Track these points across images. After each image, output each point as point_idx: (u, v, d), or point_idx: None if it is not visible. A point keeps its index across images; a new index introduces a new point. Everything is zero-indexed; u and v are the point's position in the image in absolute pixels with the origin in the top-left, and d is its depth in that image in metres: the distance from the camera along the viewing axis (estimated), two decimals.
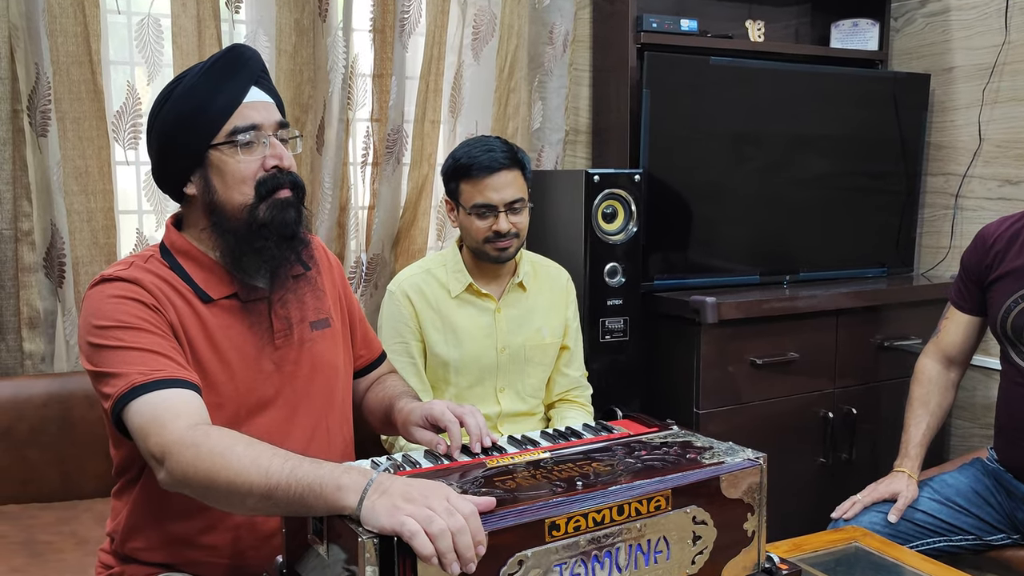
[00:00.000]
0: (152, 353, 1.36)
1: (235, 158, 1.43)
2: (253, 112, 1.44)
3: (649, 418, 1.71)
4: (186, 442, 1.26)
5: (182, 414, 1.30)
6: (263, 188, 1.44)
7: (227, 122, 1.43)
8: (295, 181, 1.48)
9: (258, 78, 1.48)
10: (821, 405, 2.73)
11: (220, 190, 1.45)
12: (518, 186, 1.99)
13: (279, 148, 1.46)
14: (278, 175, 1.45)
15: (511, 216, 1.98)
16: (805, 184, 2.92)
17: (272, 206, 1.45)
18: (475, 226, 1.99)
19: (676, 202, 2.70)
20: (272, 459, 1.22)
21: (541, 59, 2.75)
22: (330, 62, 2.35)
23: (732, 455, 1.48)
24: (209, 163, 1.44)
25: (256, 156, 1.44)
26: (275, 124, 1.47)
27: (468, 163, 1.97)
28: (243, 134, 1.43)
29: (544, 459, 1.46)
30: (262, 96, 1.47)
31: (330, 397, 1.61)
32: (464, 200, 2.00)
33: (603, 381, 2.40)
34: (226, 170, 1.44)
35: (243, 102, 1.44)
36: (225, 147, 1.43)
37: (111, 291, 1.41)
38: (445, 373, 2.08)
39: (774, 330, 2.61)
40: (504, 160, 1.96)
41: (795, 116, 2.87)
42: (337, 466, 1.21)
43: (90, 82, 2.16)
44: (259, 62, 1.50)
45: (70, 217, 2.19)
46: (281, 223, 1.45)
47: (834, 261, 3.02)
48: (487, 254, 2.02)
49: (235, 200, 1.44)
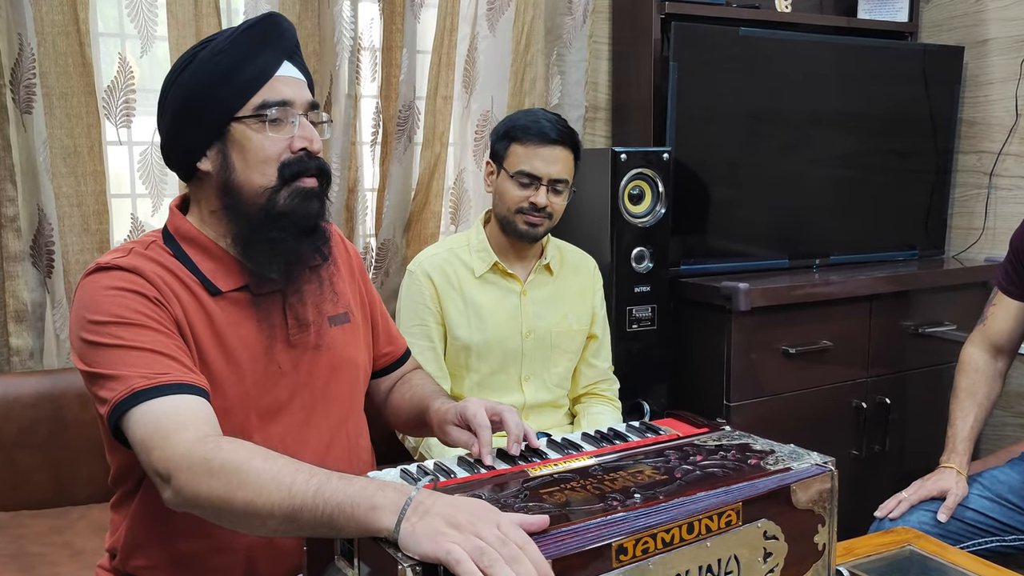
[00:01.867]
0: (155, 353, 1.23)
1: (261, 134, 1.29)
2: (285, 87, 1.31)
3: (696, 416, 1.58)
4: (195, 457, 1.13)
5: (189, 425, 1.17)
6: (287, 171, 1.30)
7: (256, 94, 1.29)
8: (323, 168, 1.35)
9: (292, 52, 1.35)
10: (854, 395, 2.61)
11: (239, 168, 1.30)
12: (567, 167, 1.93)
13: (309, 129, 1.32)
14: (305, 159, 1.32)
15: (551, 194, 1.91)
16: (832, 163, 2.79)
17: (294, 194, 1.31)
18: (512, 193, 1.91)
19: (701, 182, 2.57)
20: (295, 475, 1.08)
21: (559, 31, 2.60)
22: (336, 34, 2.19)
23: (798, 460, 1.35)
24: (230, 137, 1.30)
25: (284, 135, 1.30)
26: (306, 103, 1.33)
27: (527, 124, 1.91)
28: (272, 109, 1.29)
29: (591, 466, 1.32)
30: (295, 72, 1.34)
31: (351, 399, 1.49)
32: (509, 164, 1.92)
33: (629, 373, 2.26)
34: (249, 147, 1.29)
35: (275, 75, 1.30)
36: (251, 121, 1.29)
37: (108, 281, 1.27)
38: (467, 359, 1.98)
39: (807, 317, 2.49)
40: (563, 136, 1.91)
41: (821, 91, 2.75)
42: (370, 482, 1.08)
43: (78, 54, 2.00)
44: (294, 35, 1.37)
45: (58, 201, 2.04)
46: (302, 214, 1.32)
47: (863, 244, 2.90)
48: (515, 226, 1.93)
49: (255, 181, 1.30)
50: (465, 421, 1.42)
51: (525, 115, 1.94)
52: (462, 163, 2.52)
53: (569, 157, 1.93)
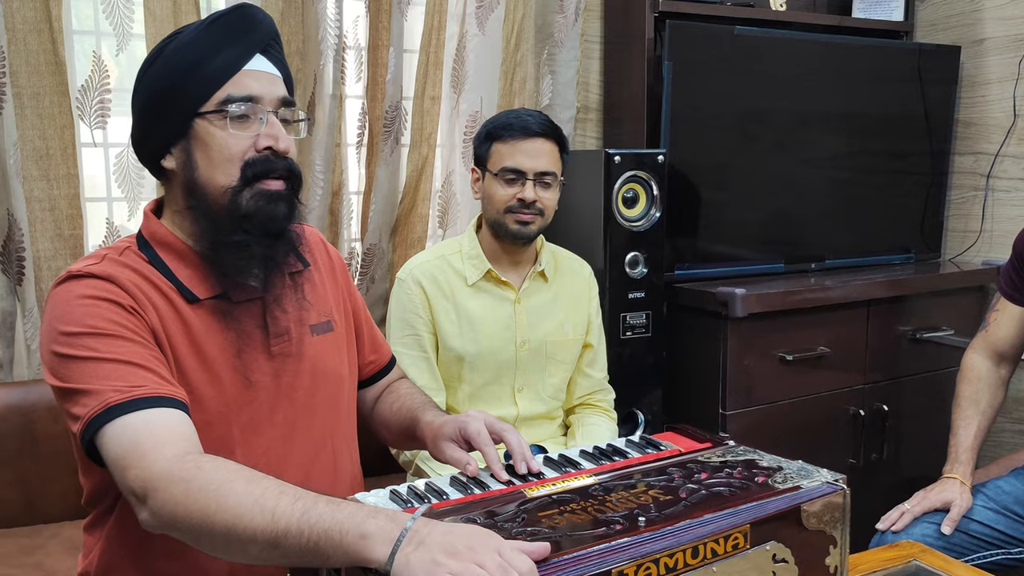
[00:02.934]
0: (131, 365, 1.16)
1: (224, 131, 1.23)
2: (253, 82, 1.24)
3: (697, 430, 1.52)
4: (173, 476, 1.06)
5: (167, 441, 1.11)
6: (250, 171, 1.24)
7: (221, 88, 1.23)
8: (290, 169, 1.28)
9: (267, 45, 1.28)
10: (851, 402, 2.56)
11: (202, 167, 1.24)
12: (552, 159, 1.86)
13: (276, 128, 1.25)
14: (271, 159, 1.25)
15: (539, 189, 1.84)
16: (827, 165, 2.74)
17: (258, 196, 1.24)
18: (499, 193, 1.84)
19: (696, 185, 2.51)
20: (280, 498, 1.02)
21: (550, 29, 2.53)
22: (320, 32, 2.11)
23: (807, 477, 1.29)
24: (194, 133, 1.24)
25: (249, 133, 1.24)
26: (277, 100, 1.27)
27: (507, 122, 1.85)
28: (237, 104, 1.22)
29: (591, 485, 1.26)
30: (268, 66, 1.28)
31: (335, 412, 1.42)
32: (493, 164, 1.86)
33: (623, 381, 2.20)
34: (212, 144, 1.23)
35: (243, 68, 1.24)
36: (214, 117, 1.23)
37: (80, 290, 1.20)
38: (459, 369, 1.91)
39: (804, 323, 2.43)
40: (543, 127, 1.84)
41: (816, 91, 2.69)
42: (360, 508, 1.01)
43: (50, 52, 1.92)
44: (270, 27, 1.30)
45: (30, 205, 1.95)
46: (267, 217, 1.25)
47: (858, 247, 2.84)
48: (506, 227, 1.85)
49: (218, 180, 1.24)
50: (466, 438, 1.37)
51: (504, 114, 1.89)
52: (450, 165, 2.44)
53: (554, 150, 1.86)
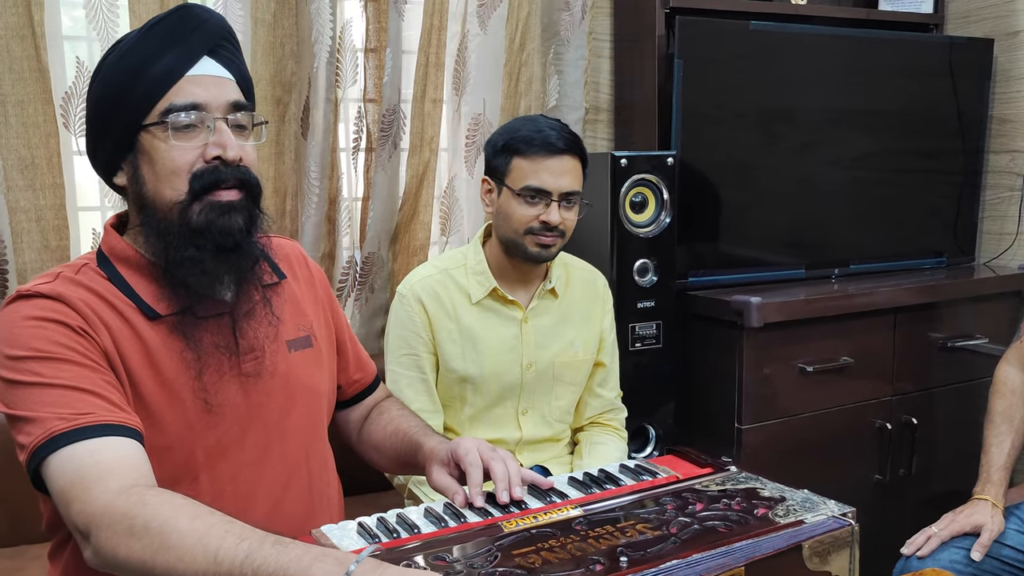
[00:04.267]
0: (78, 391, 1.10)
1: (167, 143, 1.15)
2: (197, 88, 1.17)
3: (699, 455, 1.41)
4: (116, 513, 1.00)
5: (113, 472, 1.04)
6: (197, 183, 1.16)
7: (163, 98, 1.15)
8: (244, 179, 1.19)
9: (215, 46, 1.20)
10: (877, 415, 2.43)
11: (150, 182, 1.18)
12: (577, 178, 1.74)
13: (224, 135, 1.17)
14: (220, 169, 1.17)
15: (563, 209, 1.72)
16: (853, 166, 2.61)
17: (209, 208, 1.17)
18: (519, 212, 1.71)
19: (710, 188, 2.40)
20: (224, 539, 0.96)
21: (556, 27, 2.43)
22: (314, 33, 2.04)
23: (812, 510, 1.18)
24: (140, 147, 1.17)
25: (196, 143, 1.17)
26: (226, 105, 1.19)
27: (529, 136, 1.70)
28: (180, 114, 1.15)
29: (575, 518, 1.16)
30: (216, 69, 1.20)
31: (312, 432, 1.35)
32: (513, 180, 1.72)
33: (633, 395, 2.10)
34: (156, 157, 1.16)
35: (186, 75, 1.16)
36: (157, 129, 1.16)
37: (28, 311, 1.14)
38: (461, 391, 1.81)
39: (825, 332, 2.31)
40: (568, 144, 1.71)
41: (841, 88, 2.56)
42: (307, 551, 0.94)
43: (34, 59, 1.86)
44: (219, 27, 1.22)
45: (15, 216, 1.90)
46: (220, 230, 1.17)
47: (886, 251, 2.71)
48: (524, 249, 1.73)
49: (165, 195, 1.17)
50: (456, 460, 1.29)
51: (525, 124, 1.75)
52: (453, 170, 2.36)
53: (577, 166, 1.74)
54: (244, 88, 1.24)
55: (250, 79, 1.28)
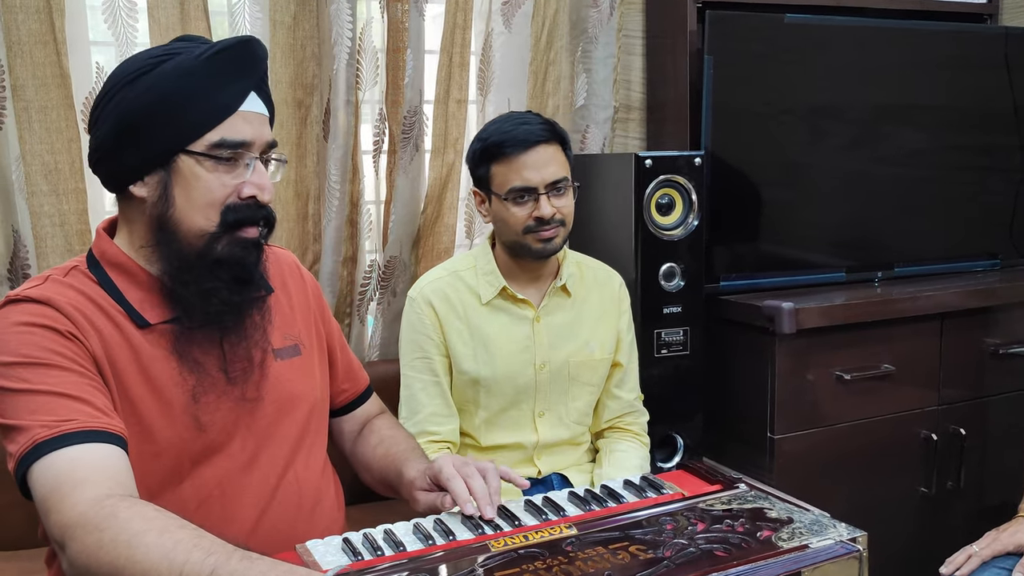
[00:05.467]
0: (62, 397, 1.09)
1: (212, 173, 1.16)
2: (247, 126, 1.17)
3: (710, 470, 1.35)
4: (88, 524, 0.99)
5: (88, 481, 1.03)
6: (231, 217, 1.17)
7: (215, 129, 1.15)
8: (268, 218, 1.22)
9: (260, 82, 1.21)
10: (923, 425, 2.32)
11: (180, 205, 1.17)
12: (559, 163, 1.69)
13: (263, 177, 1.19)
14: (254, 208, 1.19)
15: (554, 199, 1.68)
16: (899, 163, 2.49)
17: (234, 243, 1.18)
18: (513, 215, 1.68)
19: (745, 188, 2.31)
20: (191, 553, 0.95)
21: (584, 24, 2.37)
22: (334, 35, 2.02)
23: (819, 533, 1.11)
24: (176, 168, 1.16)
25: (234, 178, 1.17)
26: (265, 144, 1.20)
27: (500, 140, 1.67)
28: (229, 149, 1.16)
29: (567, 538, 1.11)
30: (258, 106, 1.20)
31: (301, 438, 1.33)
32: (497, 186, 1.69)
33: (659, 403, 2.03)
34: (196, 184, 1.16)
35: (239, 110, 1.17)
36: (203, 158, 1.15)
37: (16, 316, 1.14)
38: (474, 394, 1.78)
39: (865, 338, 2.21)
40: (542, 133, 1.67)
41: (886, 83, 2.45)
42: (274, 566, 0.93)
43: (55, 65, 1.88)
44: (265, 62, 1.23)
45: (40, 221, 1.92)
46: (239, 263, 1.19)
47: (935, 253, 2.58)
48: (528, 248, 1.70)
49: (195, 223, 1.17)
50: (435, 481, 1.27)
51: (494, 128, 1.71)
52: None
53: (558, 152, 1.69)
54: (271, 123, 1.26)
55: (275, 113, 1.28)
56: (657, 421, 2.03)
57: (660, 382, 2.07)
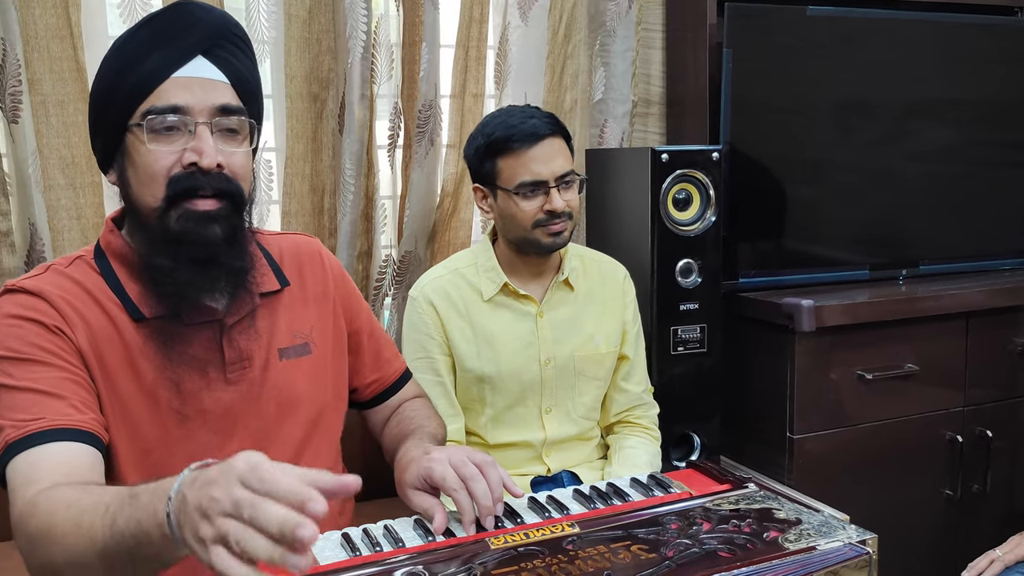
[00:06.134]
0: (38, 394, 1.08)
1: (149, 145, 1.12)
2: (181, 90, 1.12)
3: (720, 468, 1.32)
4: (21, 520, 0.98)
5: (34, 481, 1.00)
6: (172, 189, 1.12)
7: (145, 100, 1.12)
8: (223, 189, 1.14)
9: (213, 45, 1.15)
10: (948, 427, 2.27)
11: (133, 184, 1.16)
12: (566, 156, 1.68)
13: (203, 141, 1.12)
14: (197, 176, 1.12)
15: (564, 192, 1.67)
16: (925, 158, 2.44)
17: (185, 216, 1.13)
18: (523, 209, 1.66)
19: (765, 183, 2.28)
20: (94, 514, 0.90)
21: (603, 17, 2.35)
22: (349, 28, 2.01)
23: (828, 534, 1.08)
24: (125, 148, 1.15)
25: (175, 147, 1.13)
26: (212, 109, 1.14)
27: (506, 134, 1.65)
28: (159, 116, 1.11)
29: (568, 537, 1.09)
30: (207, 71, 1.15)
31: (305, 441, 1.30)
32: (505, 180, 1.68)
33: (675, 401, 2.00)
34: (137, 160, 1.14)
35: (173, 75, 1.12)
36: (139, 130, 1.13)
37: (8, 308, 1.14)
38: (480, 392, 1.76)
39: (888, 337, 2.17)
40: (548, 127, 1.66)
41: (912, 77, 2.40)
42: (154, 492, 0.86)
43: (72, 59, 1.88)
44: (216, 26, 1.17)
45: (57, 214, 1.93)
46: (197, 241, 1.13)
47: (961, 250, 2.53)
48: (538, 242, 1.69)
49: (146, 200, 1.15)
50: (431, 484, 1.19)
51: (497, 122, 1.68)
52: None
53: (563, 145, 1.68)
54: (241, 91, 1.19)
55: (252, 81, 1.22)
56: (674, 420, 2.00)
57: (677, 380, 2.04)
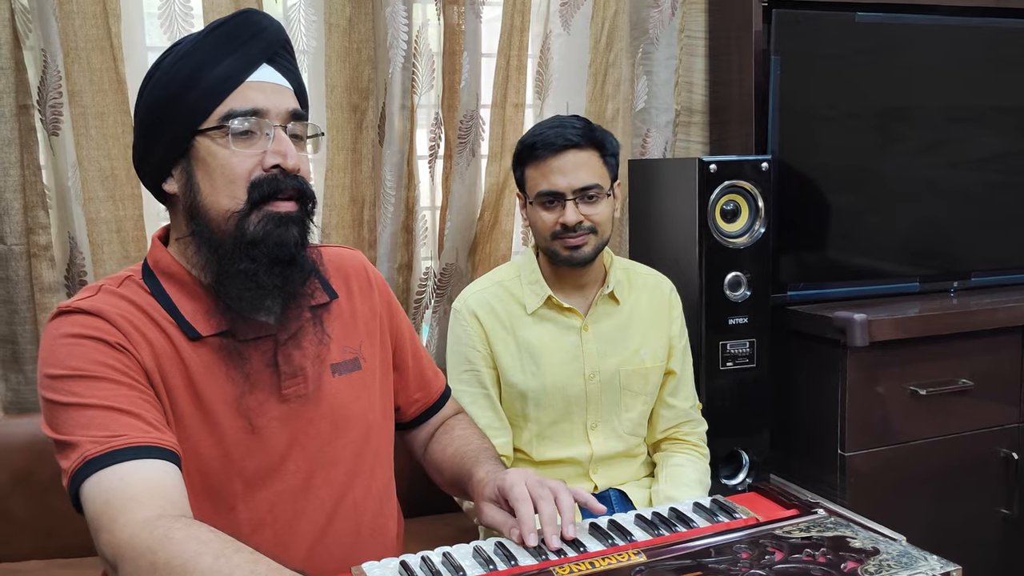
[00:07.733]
0: (112, 411, 1.06)
1: (227, 149, 1.11)
2: (257, 94, 1.12)
3: (786, 493, 1.27)
4: (141, 546, 0.95)
5: (142, 500, 0.99)
6: (257, 192, 1.11)
7: (222, 103, 1.11)
8: (302, 189, 1.15)
9: (275, 54, 1.16)
10: (1003, 443, 2.21)
11: (205, 189, 1.13)
12: (592, 170, 1.63)
13: (284, 143, 1.12)
14: (280, 178, 1.12)
15: (583, 206, 1.63)
16: (976, 167, 2.38)
17: (266, 219, 1.12)
18: (541, 219, 1.66)
19: (813, 194, 2.23)
20: None
21: (645, 25, 2.30)
22: (389, 38, 1.98)
23: (910, 566, 1.03)
24: (194, 153, 1.13)
25: (255, 150, 1.12)
26: (286, 113, 1.14)
27: (532, 142, 1.64)
28: (239, 120, 1.10)
29: (637, 566, 1.05)
30: (275, 77, 1.15)
31: (358, 460, 1.27)
32: (529, 189, 1.67)
33: (724, 418, 1.95)
34: (214, 164, 1.11)
35: (246, 80, 1.12)
36: (216, 134, 1.11)
37: (67, 328, 1.11)
38: (523, 407, 1.72)
39: (941, 352, 2.11)
40: (574, 137, 1.62)
41: (962, 84, 2.35)
42: None
43: (112, 70, 1.87)
44: (278, 34, 1.18)
45: (96, 227, 1.91)
46: (277, 243, 1.12)
47: (1014, 261, 2.47)
48: (557, 254, 1.67)
49: (221, 204, 1.12)
50: (503, 495, 1.19)
51: (531, 131, 1.68)
52: None
53: (592, 157, 1.63)
54: (300, 98, 1.20)
55: (305, 90, 1.23)
56: (722, 436, 1.95)
57: (725, 395, 1.99)
